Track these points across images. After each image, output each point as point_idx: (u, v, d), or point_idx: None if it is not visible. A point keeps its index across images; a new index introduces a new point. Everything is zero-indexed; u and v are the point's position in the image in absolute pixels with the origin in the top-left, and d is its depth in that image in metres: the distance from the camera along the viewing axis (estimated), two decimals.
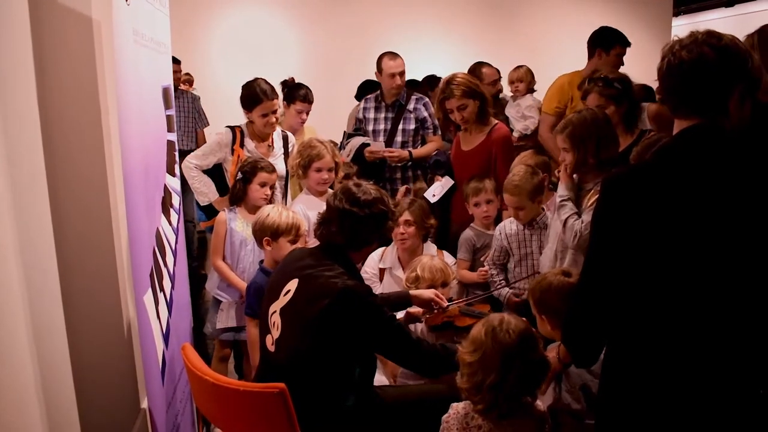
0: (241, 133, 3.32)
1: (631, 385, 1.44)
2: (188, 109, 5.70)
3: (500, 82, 4.79)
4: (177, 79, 5.64)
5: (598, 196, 1.51)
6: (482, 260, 3.05)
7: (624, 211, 1.40)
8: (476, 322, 2.44)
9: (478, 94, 3.21)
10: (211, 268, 3.02)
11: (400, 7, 7.00)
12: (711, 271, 1.34)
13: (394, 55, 3.89)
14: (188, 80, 6.19)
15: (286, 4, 6.87)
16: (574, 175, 2.47)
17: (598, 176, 2.33)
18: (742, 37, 2.03)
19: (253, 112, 3.25)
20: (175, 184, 2.62)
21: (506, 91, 4.94)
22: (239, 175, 3.00)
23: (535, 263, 2.79)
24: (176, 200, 2.61)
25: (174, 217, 2.52)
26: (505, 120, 4.43)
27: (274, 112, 3.28)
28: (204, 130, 5.78)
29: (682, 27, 8.66)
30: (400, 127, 3.91)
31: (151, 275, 2.03)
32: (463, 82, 3.19)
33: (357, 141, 3.89)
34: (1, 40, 1.62)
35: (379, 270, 3.11)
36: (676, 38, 1.41)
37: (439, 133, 3.92)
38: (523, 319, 1.80)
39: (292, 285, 2.05)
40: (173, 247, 2.45)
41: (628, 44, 3.65)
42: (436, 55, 6.78)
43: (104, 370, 2.30)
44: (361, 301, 1.95)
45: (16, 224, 1.61)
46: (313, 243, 2.45)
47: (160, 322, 2.10)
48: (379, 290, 2.94)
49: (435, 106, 3.45)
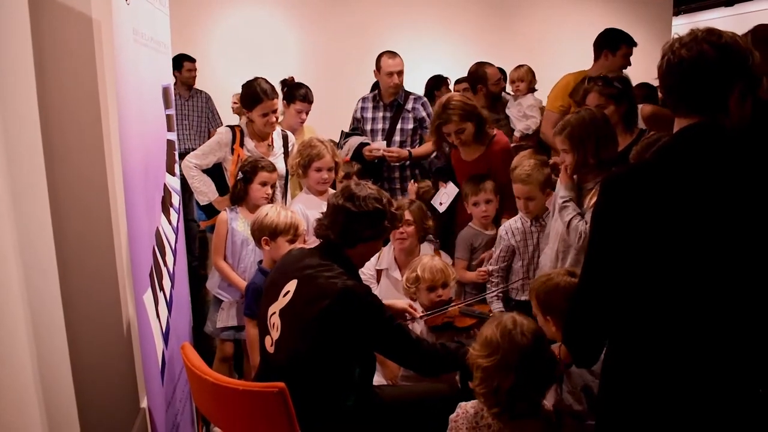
0: (241, 132, 3.31)
1: (631, 385, 1.43)
2: (202, 109, 5.62)
3: (503, 81, 4.79)
4: (192, 78, 5.57)
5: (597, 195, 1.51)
6: (474, 264, 3.03)
7: (624, 211, 1.40)
8: (476, 322, 2.46)
9: (474, 116, 3.11)
10: (212, 268, 3.03)
11: (400, 6, 6.99)
12: (711, 271, 1.34)
13: (393, 54, 3.88)
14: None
15: (286, 4, 6.87)
16: (574, 176, 2.46)
17: (599, 175, 2.33)
18: None
19: (253, 112, 3.25)
20: (174, 183, 2.62)
21: (507, 90, 4.94)
22: (240, 175, 3.00)
23: (540, 261, 2.77)
24: (176, 199, 2.60)
25: (174, 216, 2.52)
26: (506, 119, 4.42)
27: (274, 112, 3.28)
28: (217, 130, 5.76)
29: (682, 26, 8.63)
30: (399, 126, 3.91)
31: (151, 274, 2.03)
32: (460, 105, 3.09)
33: (355, 140, 3.88)
34: (1, 40, 1.62)
35: (376, 271, 3.10)
36: (677, 36, 1.40)
37: None
38: (530, 319, 1.80)
39: (291, 286, 2.04)
40: (173, 247, 2.45)
41: (635, 44, 3.63)
42: (436, 55, 6.77)
43: (104, 369, 2.30)
44: (360, 301, 1.95)
45: (16, 223, 1.61)
46: (313, 243, 2.45)
47: (160, 321, 2.10)
48: (376, 292, 2.93)
49: (431, 129, 3.32)
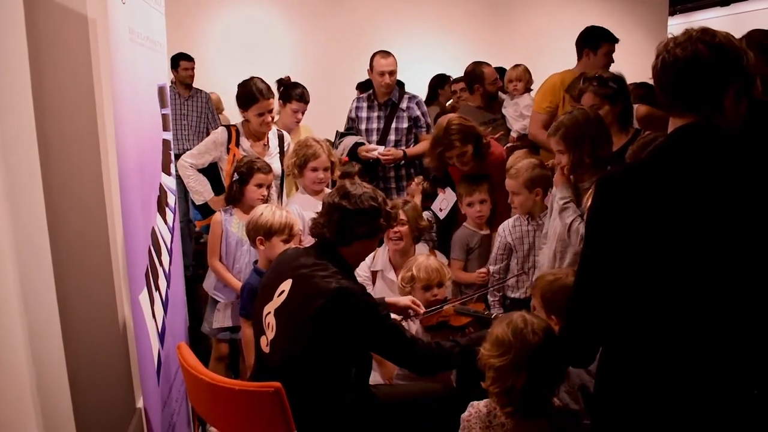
0: (237, 132, 3.31)
1: (626, 385, 1.43)
2: (202, 109, 5.54)
3: (500, 80, 4.79)
4: (191, 77, 5.49)
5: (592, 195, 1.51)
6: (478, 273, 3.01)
7: (619, 210, 1.40)
8: (471, 321, 2.47)
9: (473, 136, 3.11)
10: (208, 268, 3.02)
11: (397, 6, 6.99)
12: (706, 271, 1.34)
13: (386, 53, 3.87)
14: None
15: (283, 3, 6.86)
16: (571, 176, 2.47)
17: (595, 174, 2.33)
18: None
19: (249, 111, 3.24)
20: (170, 182, 2.61)
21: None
22: (236, 176, 2.99)
23: (537, 260, 2.77)
24: (172, 199, 2.60)
25: (169, 215, 2.52)
26: (503, 119, 4.42)
27: (270, 111, 3.28)
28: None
29: (678, 26, 8.64)
30: (393, 125, 3.90)
31: (147, 274, 2.02)
32: (459, 129, 3.07)
33: (350, 140, 3.88)
34: None
35: (372, 273, 3.10)
36: (671, 36, 1.41)
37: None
38: (540, 317, 1.80)
39: (286, 285, 2.04)
40: (169, 246, 2.45)
41: (616, 40, 3.62)
42: (433, 54, 6.77)
43: (100, 369, 2.29)
44: (355, 301, 1.95)
45: (12, 223, 1.60)
46: (308, 242, 2.45)
47: (156, 321, 2.10)
48: (372, 293, 2.92)
49: (432, 156, 3.21)
